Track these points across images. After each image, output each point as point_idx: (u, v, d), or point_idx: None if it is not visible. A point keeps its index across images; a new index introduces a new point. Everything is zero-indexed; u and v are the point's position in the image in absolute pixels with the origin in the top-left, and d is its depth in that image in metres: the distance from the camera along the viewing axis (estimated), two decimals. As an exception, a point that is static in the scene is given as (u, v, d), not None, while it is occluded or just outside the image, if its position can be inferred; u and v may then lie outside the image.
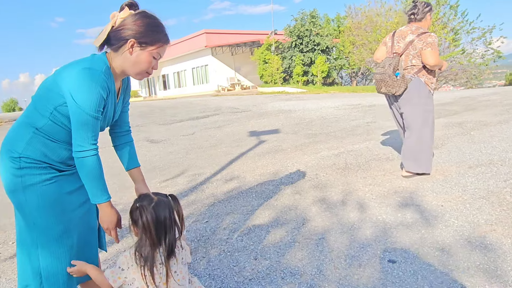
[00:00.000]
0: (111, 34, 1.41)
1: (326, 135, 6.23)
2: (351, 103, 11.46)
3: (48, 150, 1.40)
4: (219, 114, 10.66)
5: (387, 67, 3.30)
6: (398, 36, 3.45)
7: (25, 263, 1.44)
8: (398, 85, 3.28)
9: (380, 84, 3.41)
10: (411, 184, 3.33)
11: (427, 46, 3.22)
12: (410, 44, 3.32)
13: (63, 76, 1.33)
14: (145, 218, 1.29)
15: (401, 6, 25.32)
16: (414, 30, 3.35)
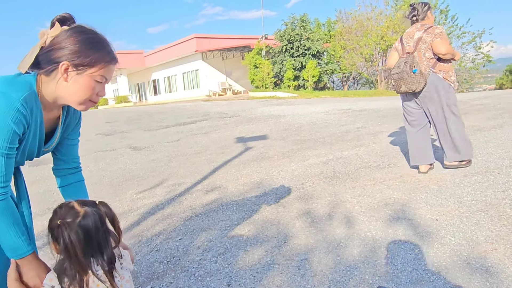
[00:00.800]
0: (40, 56, 1.13)
1: (315, 141, 5.99)
2: (341, 107, 11.27)
3: None
4: (207, 120, 10.39)
5: (403, 65, 3.35)
6: (406, 38, 3.54)
7: None
8: (418, 81, 3.30)
9: (399, 83, 3.41)
10: (403, 195, 3.09)
11: (436, 36, 3.30)
12: (420, 40, 3.40)
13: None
14: (69, 238, 1.03)
15: (391, 10, 25.42)
16: (420, 27, 3.45)
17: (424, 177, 3.50)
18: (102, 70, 1.16)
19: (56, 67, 1.12)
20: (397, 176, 3.63)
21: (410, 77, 3.31)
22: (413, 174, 3.64)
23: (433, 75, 3.37)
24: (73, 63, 1.11)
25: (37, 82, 1.15)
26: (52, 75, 1.14)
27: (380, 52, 24.45)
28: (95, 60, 1.14)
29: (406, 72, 3.31)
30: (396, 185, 3.36)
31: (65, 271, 1.06)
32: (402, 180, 3.50)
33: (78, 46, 1.12)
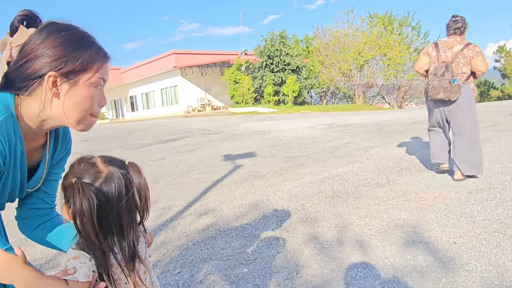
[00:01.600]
0: (11, 73, 0.88)
1: (306, 158, 5.85)
2: (325, 122, 11.26)
3: None
4: (190, 137, 10.12)
5: (446, 74, 3.51)
6: (443, 47, 3.70)
7: None
8: (456, 91, 3.50)
9: (438, 90, 3.56)
10: (411, 215, 2.96)
11: (477, 54, 3.53)
12: (459, 53, 3.58)
13: None
14: (80, 206, 0.81)
15: (367, 27, 26.10)
16: (460, 41, 3.66)
17: (428, 195, 3.39)
18: (99, 71, 0.93)
19: (39, 83, 0.87)
20: (400, 195, 3.51)
21: (450, 86, 3.49)
22: (416, 191, 3.53)
23: (468, 88, 3.59)
24: (61, 72, 0.87)
25: (15, 103, 0.88)
26: (36, 94, 0.88)
27: (358, 67, 24.93)
28: (87, 62, 0.90)
29: (448, 80, 3.50)
30: (401, 204, 3.23)
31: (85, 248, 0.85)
32: (406, 198, 3.38)
33: (61, 49, 0.87)
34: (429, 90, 3.66)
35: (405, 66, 24.77)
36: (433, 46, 3.78)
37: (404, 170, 4.36)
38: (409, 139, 6.47)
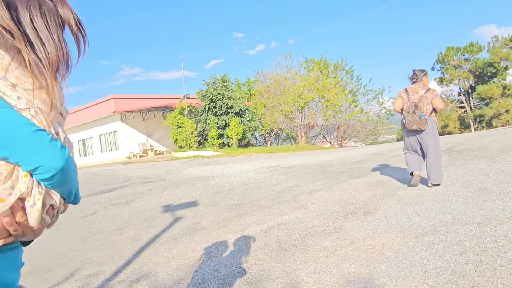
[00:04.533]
0: None
1: (251, 205, 5.59)
2: (270, 164, 11.20)
3: None
4: (129, 186, 9.45)
5: (416, 111, 4.86)
6: (411, 91, 5.06)
7: None
8: (424, 123, 4.83)
9: (412, 123, 4.87)
10: (362, 267, 2.77)
11: (436, 96, 4.94)
12: (423, 96, 4.96)
13: None
14: None
15: (305, 71, 27.47)
16: (422, 87, 5.04)
17: (376, 242, 3.26)
18: None
19: None
20: (348, 243, 3.34)
21: (420, 120, 4.82)
22: (363, 238, 3.39)
23: (432, 120, 4.95)
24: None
25: None
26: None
27: (299, 109, 25.84)
28: None
29: (418, 116, 4.83)
30: (350, 255, 3.05)
31: None
32: (354, 247, 3.21)
33: None
34: (405, 123, 4.95)
35: (342, 107, 26.18)
36: (404, 91, 5.10)
37: (350, 215, 4.25)
38: (351, 179, 6.52)
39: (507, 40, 33.28)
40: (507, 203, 3.64)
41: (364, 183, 6.01)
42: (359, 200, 4.89)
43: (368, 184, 5.86)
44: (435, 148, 4.90)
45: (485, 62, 34.17)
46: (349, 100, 26.89)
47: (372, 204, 4.56)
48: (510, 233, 2.86)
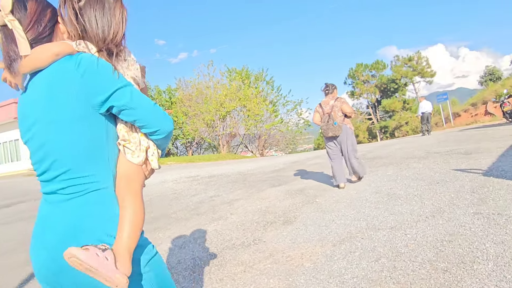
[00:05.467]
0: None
1: (167, 218, 5.20)
2: (190, 174, 10.80)
3: None
4: (26, 202, 8.32)
5: (329, 120, 5.48)
6: (324, 104, 5.72)
7: None
8: (338, 129, 5.43)
9: (327, 131, 5.48)
10: (281, 282, 2.62)
11: (343, 103, 5.59)
12: (334, 105, 5.59)
13: None
14: None
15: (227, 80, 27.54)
16: (332, 98, 5.71)
17: (295, 252, 3.15)
18: None
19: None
20: (267, 255, 3.19)
21: (333, 127, 5.44)
22: (283, 249, 3.27)
23: (344, 126, 5.55)
24: None
25: None
26: None
27: (220, 118, 25.75)
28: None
29: (331, 124, 5.45)
30: (269, 269, 2.89)
31: None
32: (273, 260, 3.06)
33: None
34: (323, 131, 5.58)
35: (263, 117, 26.71)
36: (319, 105, 5.75)
37: (270, 224, 4.14)
38: (271, 188, 6.48)
39: (406, 59, 37.26)
40: (413, 207, 3.83)
41: (283, 191, 6.00)
42: (279, 209, 4.82)
43: (287, 192, 5.85)
44: (353, 150, 5.53)
45: (388, 78, 37.81)
46: (270, 110, 27.57)
47: (292, 213, 4.50)
48: (418, 237, 2.95)
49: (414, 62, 36.71)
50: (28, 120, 1.06)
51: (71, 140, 1.02)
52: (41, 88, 1.03)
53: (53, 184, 1.04)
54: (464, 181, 4.67)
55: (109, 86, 1.03)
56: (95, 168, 1.04)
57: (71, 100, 1.00)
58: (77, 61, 1.02)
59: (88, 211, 1.01)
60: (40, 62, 1.02)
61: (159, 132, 1.10)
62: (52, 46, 1.04)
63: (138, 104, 1.06)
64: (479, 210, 3.37)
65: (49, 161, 1.03)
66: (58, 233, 0.99)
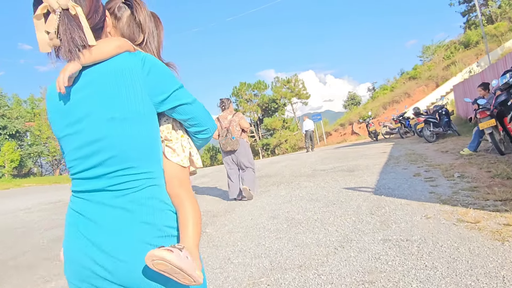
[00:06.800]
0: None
1: (4, 266, 3.78)
2: (50, 199, 8.93)
3: None
4: None
5: (228, 135, 5.55)
6: (222, 118, 5.74)
7: None
8: (236, 143, 5.54)
9: (226, 145, 5.54)
10: None
11: (241, 118, 5.74)
12: (232, 120, 5.68)
13: None
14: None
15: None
16: (230, 113, 5.79)
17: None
18: None
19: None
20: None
21: (232, 141, 5.49)
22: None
23: (242, 140, 5.68)
24: None
25: None
26: None
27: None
28: None
29: (230, 138, 5.50)
30: None
31: None
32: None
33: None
34: (221, 146, 5.62)
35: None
36: (217, 119, 5.70)
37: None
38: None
39: (285, 81, 39.78)
40: (318, 235, 3.39)
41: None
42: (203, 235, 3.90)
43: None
44: (249, 163, 5.69)
45: (269, 98, 39.74)
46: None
47: (176, 249, 3.65)
48: (334, 278, 2.44)
49: (292, 84, 39.35)
50: (73, 115, 1.01)
51: (132, 137, 1.00)
52: (99, 83, 0.99)
53: (102, 181, 1.00)
54: (358, 201, 4.50)
55: (170, 85, 1.05)
56: (151, 165, 1.03)
57: (136, 97, 1.00)
58: (142, 59, 1.02)
59: (147, 205, 0.99)
60: (102, 55, 1.00)
61: (207, 131, 1.16)
62: (115, 39, 1.06)
63: (193, 102, 1.10)
64: (387, 236, 3.07)
65: (102, 157, 0.99)
66: (120, 230, 0.96)
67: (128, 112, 0.98)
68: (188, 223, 1.02)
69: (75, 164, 1.03)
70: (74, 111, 1.01)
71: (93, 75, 1.00)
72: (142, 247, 0.94)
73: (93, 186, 1.00)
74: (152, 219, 0.98)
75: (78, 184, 1.03)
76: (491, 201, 3.65)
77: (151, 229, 0.97)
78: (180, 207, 1.05)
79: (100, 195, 1.00)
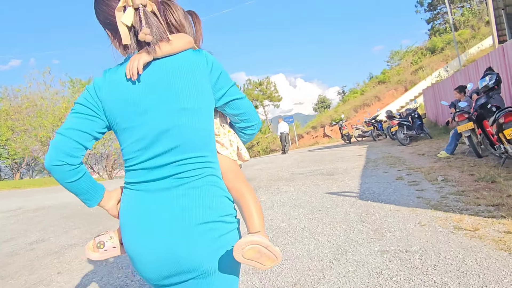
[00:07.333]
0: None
1: None
2: (8, 207, 8.20)
3: None
4: None
5: None
6: None
7: None
8: None
9: None
10: None
11: None
12: None
13: None
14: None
15: (69, 91, 23.88)
16: None
17: None
18: None
19: None
20: None
21: None
22: None
23: None
24: None
25: None
26: None
27: (59, 134, 21.93)
28: None
29: None
30: None
31: None
32: None
33: None
34: None
35: (113, 135, 23.93)
36: None
37: (119, 289, 2.83)
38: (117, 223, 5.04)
39: (257, 84, 39.67)
40: (308, 246, 3.13)
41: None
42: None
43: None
44: None
45: (242, 100, 39.58)
46: (121, 127, 24.97)
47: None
48: (335, 298, 2.17)
49: (264, 87, 39.28)
50: (141, 104, 1.04)
51: (199, 127, 1.06)
52: (170, 75, 1.05)
53: (166, 169, 1.03)
54: (344, 206, 4.29)
55: (227, 82, 1.13)
56: (210, 155, 1.09)
57: (205, 91, 1.07)
58: (206, 57, 1.10)
59: (208, 191, 1.04)
60: (175, 49, 1.07)
61: (255, 126, 1.22)
62: (185, 36, 1.13)
63: (244, 98, 1.17)
64: (384, 247, 2.85)
65: (169, 145, 1.03)
66: (184, 214, 1.01)
67: (199, 103, 1.05)
68: (252, 212, 1.12)
69: (138, 155, 1.05)
70: (142, 101, 1.04)
71: (162, 67, 1.05)
72: (206, 229, 1.00)
73: (155, 176, 1.04)
74: (214, 203, 1.04)
75: (138, 175, 1.05)
76: (483, 206, 3.52)
77: (213, 213, 1.02)
78: (241, 199, 1.13)
79: (163, 183, 1.03)
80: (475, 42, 23.20)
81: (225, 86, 1.12)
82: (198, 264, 1.00)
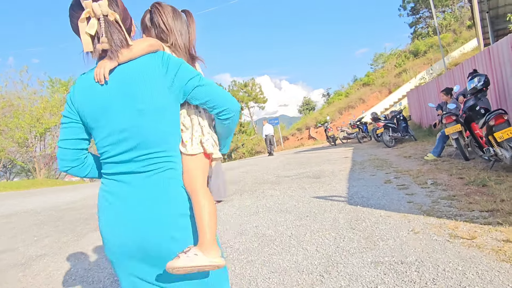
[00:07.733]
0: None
1: None
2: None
3: None
4: None
5: None
6: None
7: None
8: None
9: None
10: None
11: None
12: None
13: None
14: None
15: (48, 91, 23.17)
16: None
17: None
18: None
19: None
20: None
21: None
22: None
23: None
24: None
25: None
26: None
27: (37, 135, 21.21)
28: None
29: None
30: None
31: None
32: None
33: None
34: None
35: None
36: None
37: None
38: (94, 232, 4.72)
39: (242, 85, 39.44)
40: (296, 257, 2.91)
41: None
42: (104, 272, 3.22)
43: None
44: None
45: (227, 102, 39.26)
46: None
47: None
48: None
49: (249, 88, 39.07)
50: (104, 107, 1.16)
51: (154, 126, 1.15)
52: (129, 79, 1.15)
53: (131, 164, 1.16)
54: (333, 212, 4.10)
55: (188, 74, 1.18)
56: (172, 150, 1.19)
57: (158, 92, 1.14)
58: (161, 58, 1.17)
59: (168, 185, 1.15)
60: (134, 54, 1.16)
61: (228, 111, 1.20)
62: (147, 39, 1.24)
63: (209, 84, 1.19)
64: (377, 258, 2.65)
65: (131, 143, 1.15)
66: (147, 206, 1.13)
67: (155, 104, 1.14)
68: (201, 219, 1.14)
69: (108, 149, 1.18)
70: (106, 103, 1.15)
71: (125, 71, 1.15)
72: (167, 221, 1.12)
73: (123, 169, 1.16)
74: (172, 197, 1.14)
75: (111, 167, 1.19)
76: (477, 211, 3.37)
77: (171, 206, 1.13)
78: (194, 205, 1.16)
79: (129, 177, 1.16)
80: (457, 46, 23.52)
81: (186, 78, 1.16)
82: (157, 249, 1.12)
